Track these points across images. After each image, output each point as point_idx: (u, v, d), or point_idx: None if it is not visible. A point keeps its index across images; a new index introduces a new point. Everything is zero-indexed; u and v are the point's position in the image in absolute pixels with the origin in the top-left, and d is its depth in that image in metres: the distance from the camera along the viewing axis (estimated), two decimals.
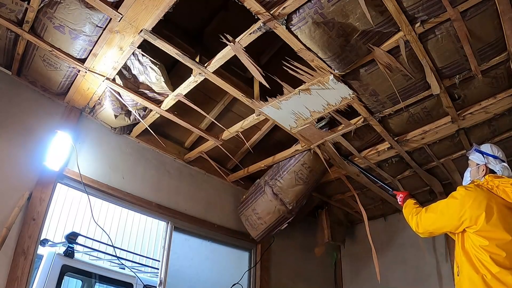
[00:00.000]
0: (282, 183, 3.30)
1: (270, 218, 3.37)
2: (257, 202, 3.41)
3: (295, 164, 3.27)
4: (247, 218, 3.49)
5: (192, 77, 2.46)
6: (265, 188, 3.39)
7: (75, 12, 2.06)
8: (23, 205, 2.35)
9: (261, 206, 3.39)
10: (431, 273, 3.94)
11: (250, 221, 3.47)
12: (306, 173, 3.27)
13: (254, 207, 3.43)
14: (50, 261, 2.93)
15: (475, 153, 2.27)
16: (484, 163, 2.20)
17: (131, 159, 3.13)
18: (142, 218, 5.43)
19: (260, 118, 2.83)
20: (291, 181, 3.28)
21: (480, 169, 2.21)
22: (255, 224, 3.45)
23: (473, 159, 2.28)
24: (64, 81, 2.62)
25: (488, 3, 1.92)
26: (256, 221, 3.43)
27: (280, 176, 3.31)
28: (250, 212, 3.46)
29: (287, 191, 3.30)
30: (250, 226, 3.49)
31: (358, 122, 2.78)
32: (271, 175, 3.39)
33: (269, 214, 3.36)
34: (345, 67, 2.25)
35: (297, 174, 3.26)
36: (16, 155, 2.46)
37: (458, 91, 2.53)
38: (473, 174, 2.27)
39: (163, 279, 2.96)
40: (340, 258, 4.80)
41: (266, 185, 3.39)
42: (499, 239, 1.87)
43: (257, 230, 3.46)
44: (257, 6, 1.86)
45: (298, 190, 3.31)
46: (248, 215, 3.48)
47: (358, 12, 1.91)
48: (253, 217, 3.44)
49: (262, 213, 3.39)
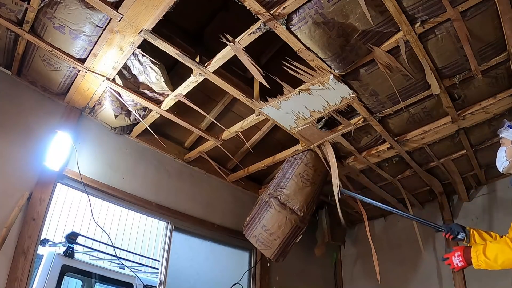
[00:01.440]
0: (289, 189, 3.13)
1: (283, 231, 3.11)
2: (265, 217, 3.15)
3: (298, 166, 3.17)
4: (257, 238, 3.16)
5: (192, 77, 2.46)
6: (270, 201, 3.18)
7: (75, 12, 2.06)
8: (23, 205, 2.35)
9: (271, 220, 3.13)
10: (431, 273, 3.94)
11: (261, 240, 3.16)
12: (312, 173, 3.19)
13: (263, 224, 3.14)
14: (50, 261, 2.93)
15: (508, 130, 2.05)
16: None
17: (131, 159, 3.13)
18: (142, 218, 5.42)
19: (260, 118, 2.83)
20: (297, 185, 3.14)
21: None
22: (268, 242, 3.13)
23: (507, 137, 2.06)
24: (64, 81, 2.62)
25: (488, 3, 1.92)
26: (268, 238, 3.12)
27: (284, 184, 3.17)
28: (260, 231, 3.15)
29: (295, 197, 3.13)
30: (263, 246, 3.15)
31: (358, 122, 2.78)
32: (274, 187, 3.23)
33: (281, 227, 3.10)
34: (345, 67, 2.25)
35: (302, 176, 3.16)
36: (16, 155, 2.46)
37: (458, 91, 2.53)
38: (509, 152, 2.03)
39: (163, 279, 2.96)
40: (340, 258, 4.80)
41: (271, 198, 3.18)
42: None
43: (271, 249, 3.14)
44: (257, 6, 1.86)
45: (307, 192, 3.16)
46: (257, 234, 3.16)
47: (358, 12, 1.91)
48: (264, 234, 3.13)
49: (273, 227, 3.11)
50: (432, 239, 4.01)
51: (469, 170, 3.51)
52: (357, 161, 3.30)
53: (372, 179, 3.67)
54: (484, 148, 3.13)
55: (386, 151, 3.13)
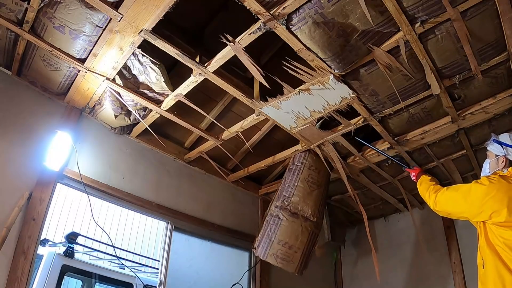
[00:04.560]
0: (297, 196, 3.07)
1: (301, 240, 3.02)
2: (279, 231, 3.02)
3: (302, 171, 3.13)
4: (276, 255, 2.98)
5: (192, 77, 2.46)
6: (280, 213, 3.07)
7: (75, 12, 2.06)
8: (23, 205, 2.35)
9: (286, 233, 3.01)
10: (431, 273, 3.94)
11: (281, 256, 2.98)
12: (316, 176, 3.18)
13: (279, 239, 3.00)
14: (50, 261, 2.94)
15: (493, 144, 2.18)
16: (504, 154, 2.11)
17: (131, 159, 3.13)
18: (142, 218, 5.43)
19: (260, 118, 2.83)
20: (305, 190, 3.08)
21: (500, 161, 2.13)
22: (289, 256, 2.99)
23: (492, 150, 2.19)
24: (64, 81, 2.62)
25: (488, 3, 1.91)
26: (288, 251, 2.99)
27: (291, 192, 3.10)
28: (277, 247, 2.99)
29: (305, 203, 3.08)
30: (284, 262, 2.99)
31: (358, 122, 2.78)
32: (280, 199, 3.14)
33: (298, 237, 3.01)
34: (345, 67, 2.25)
35: (308, 181, 3.13)
36: (16, 155, 2.47)
37: (458, 91, 2.53)
38: (492, 165, 2.18)
39: (163, 279, 2.95)
40: (340, 258, 4.80)
41: (280, 210, 3.08)
42: None
43: (294, 262, 3.01)
44: (257, 6, 1.86)
45: (315, 196, 3.12)
46: (275, 251, 2.99)
47: (358, 12, 1.91)
48: (283, 249, 2.98)
49: (290, 240, 3.00)
50: (433, 239, 4.01)
51: (469, 170, 3.50)
52: (357, 161, 3.30)
53: (372, 179, 3.67)
54: (484, 148, 3.12)
55: (386, 151, 3.13)
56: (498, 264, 1.86)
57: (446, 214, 2.23)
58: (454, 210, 2.13)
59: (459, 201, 2.08)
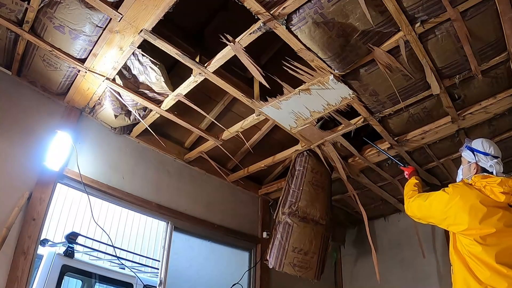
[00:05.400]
0: (304, 200, 3.04)
1: (316, 245, 3.00)
2: (293, 238, 2.96)
3: (305, 175, 3.11)
4: (293, 264, 2.92)
5: (192, 77, 2.46)
6: (289, 220, 3.01)
7: (75, 12, 2.06)
8: (23, 205, 2.35)
9: (300, 239, 2.97)
10: (431, 273, 3.94)
11: (299, 264, 2.94)
12: (319, 178, 3.18)
13: (293, 246, 2.94)
14: (50, 261, 2.93)
15: (466, 150, 2.19)
16: (475, 161, 2.12)
17: (131, 159, 3.13)
18: (142, 218, 5.43)
19: (260, 118, 2.83)
20: (311, 193, 3.06)
21: (472, 167, 2.13)
22: (306, 262, 2.96)
23: (465, 157, 2.20)
24: (64, 81, 2.62)
25: (488, 3, 1.92)
26: (305, 258, 2.96)
27: (297, 197, 3.06)
28: (292, 255, 2.94)
29: (313, 207, 3.06)
30: (302, 270, 2.95)
31: (358, 122, 2.78)
32: (286, 204, 3.09)
33: (312, 242, 2.98)
34: (345, 67, 2.25)
35: (313, 183, 3.11)
36: (16, 155, 2.46)
37: (458, 91, 2.53)
38: (464, 172, 2.20)
39: (163, 279, 2.95)
40: (340, 258, 4.80)
41: (288, 217, 3.02)
42: (487, 240, 1.82)
43: (312, 268, 2.98)
44: (257, 6, 1.86)
45: (322, 198, 3.11)
46: (291, 260, 2.93)
47: (358, 12, 1.91)
48: (299, 257, 2.94)
49: (305, 246, 2.96)
50: (432, 240, 4.01)
51: None
52: (357, 161, 3.30)
53: (372, 179, 3.67)
54: None
55: (386, 151, 3.12)
56: (465, 272, 1.90)
57: (417, 219, 2.28)
58: (422, 215, 2.21)
59: (426, 207, 2.14)
